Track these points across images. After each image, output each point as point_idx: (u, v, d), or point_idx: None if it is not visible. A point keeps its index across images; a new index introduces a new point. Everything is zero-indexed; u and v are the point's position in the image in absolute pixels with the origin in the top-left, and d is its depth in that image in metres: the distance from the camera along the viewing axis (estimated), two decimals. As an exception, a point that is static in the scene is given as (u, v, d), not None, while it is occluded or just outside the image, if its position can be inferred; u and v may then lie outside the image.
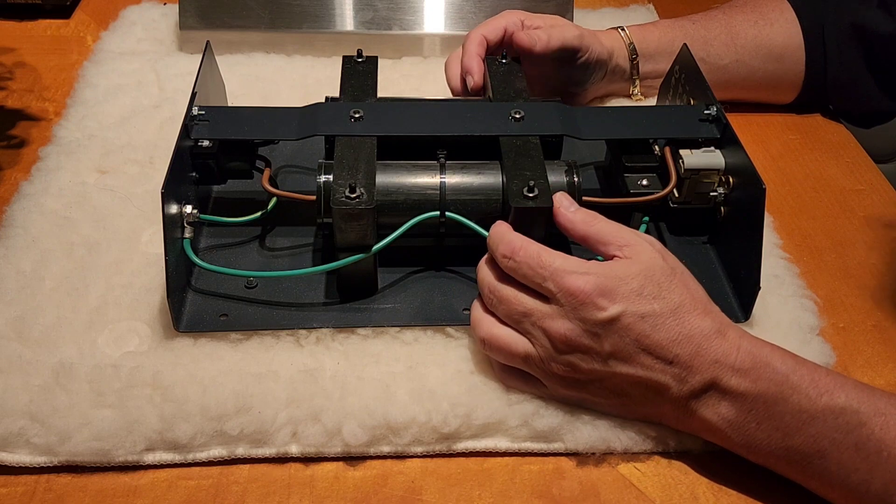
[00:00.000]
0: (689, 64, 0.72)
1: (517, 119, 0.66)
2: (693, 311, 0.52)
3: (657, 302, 0.52)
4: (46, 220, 0.67)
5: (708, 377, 0.51)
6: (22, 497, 0.52)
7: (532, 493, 0.53)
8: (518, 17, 0.78)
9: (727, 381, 0.51)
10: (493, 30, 0.77)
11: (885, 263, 0.70)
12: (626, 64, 0.81)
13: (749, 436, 0.51)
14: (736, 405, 0.51)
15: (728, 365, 0.51)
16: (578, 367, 0.53)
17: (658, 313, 0.52)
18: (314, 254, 0.66)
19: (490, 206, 0.62)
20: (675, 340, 0.51)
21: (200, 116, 0.65)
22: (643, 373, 0.52)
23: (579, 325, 0.52)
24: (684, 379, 0.51)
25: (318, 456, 0.54)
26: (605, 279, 0.52)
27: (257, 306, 0.61)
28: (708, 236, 0.69)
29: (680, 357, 0.51)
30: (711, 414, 0.52)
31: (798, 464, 0.50)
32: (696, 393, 0.52)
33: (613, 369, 0.52)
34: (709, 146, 0.66)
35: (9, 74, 0.87)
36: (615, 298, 0.51)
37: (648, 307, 0.52)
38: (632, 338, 0.51)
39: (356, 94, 0.69)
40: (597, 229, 0.56)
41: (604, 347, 0.52)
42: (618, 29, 0.81)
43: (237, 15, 0.89)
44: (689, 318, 0.52)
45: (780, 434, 0.50)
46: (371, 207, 0.58)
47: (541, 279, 0.53)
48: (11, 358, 0.56)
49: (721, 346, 0.52)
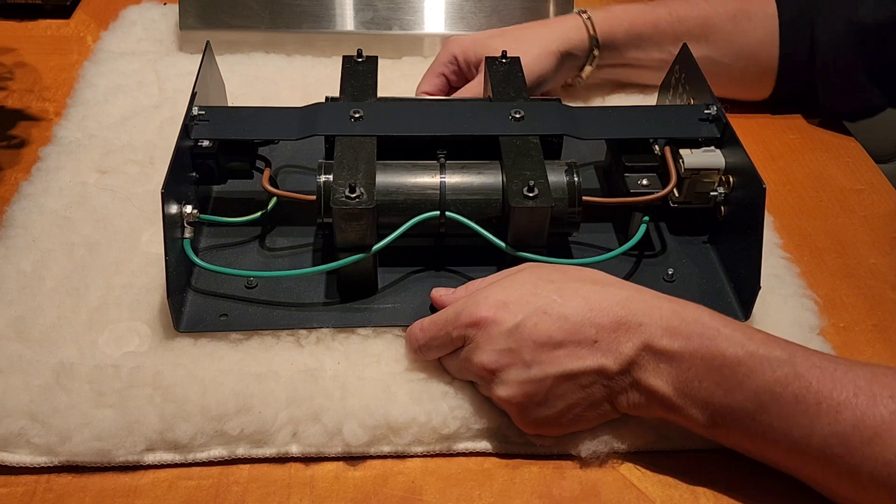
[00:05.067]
0: (690, 63, 0.72)
1: (517, 119, 0.66)
2: (595, 284, 0.53)
3: (555, 292, 0.52)
4: (47, 220, 0.67)
5: (638, 342, 0.51)
6: (22, 497, 0.52)
7: (532, 493, 0.53)
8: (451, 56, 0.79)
9: (659, 343, 0.50)
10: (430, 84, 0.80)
11: (885, 263, 0.70)
12: (581, 54, 0.79)
13: (693, 396, 0.50)
14: (674, 365, 0.50)
15: (655, 325, 0.51)
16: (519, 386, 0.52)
17: (560, 302, 0.52)
18: (314, 254, 0.66)
19: (490, 205, 0.62)
20: (589, 319, 0.51)
21: (200, 116, 0.65)
22: (577, 364, 0.51)
23: (491, 348, 0.52)
24: (617, 351, 0.51)
25: (319, 456, 0.54)
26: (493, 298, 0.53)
27: (257, 306, 0.61)
28: (708, 236, 0.69)
29: (601, 333, 0.51)
30: (654, 380, 0.51)
31: (742, 422, 0.50)
32: (634, 360, 0.51)
33: (547, 373, 0.51)
34: (709, 146, 0.66)
35: (9, 74, 0.87)
36: (512, 308, 0.52)
37: (547, 299, 0.52)
38: (546, 334, 0.51)
39: (356, 94, 0.69)
40: (472, 286, 0.58)
41: (524, 356, 0.52)
42: (581, 14, 0.79)
43: (237, 15, 0.89)
44: (596, 293, 0.52)
45: (721, 391, 0.50)
46: (371, 207, 0.58)
47: (448, 335, 0.55)
48: (12, 358, 0.56)
49: (641, 308, 0.51)
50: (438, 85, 0.80)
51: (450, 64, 0.80)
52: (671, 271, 0.65)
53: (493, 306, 0.53)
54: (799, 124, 0.86)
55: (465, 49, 0.79)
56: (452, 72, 0.80)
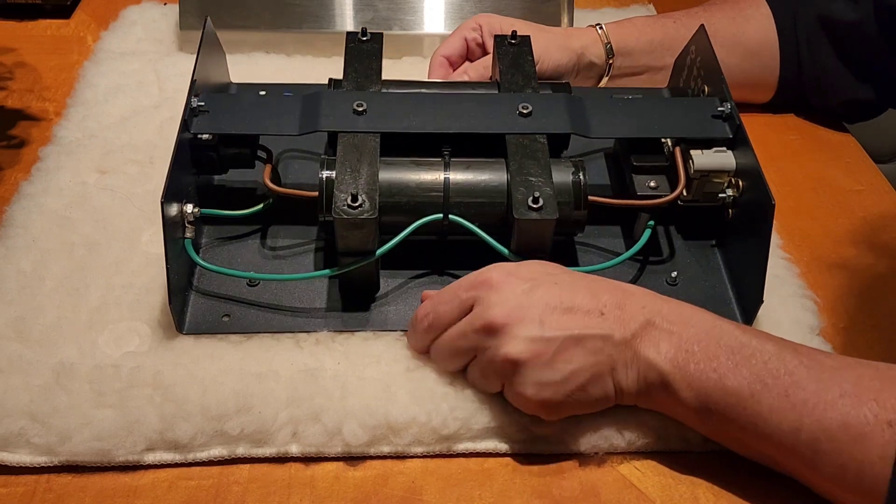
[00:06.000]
0: (704, 45, 0.70)
1: (524, 114, 0.65)
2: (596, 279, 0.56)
3: (563, 273, 0.56)
4: (47, 220, 0.67)
5: (642, 318, 0.53)
6: (22, 497, 0.52)
7: (532, 493, 0.53)
8: (477, 24, 0.80)
9: (660, 324, 0.53)
10: (450, 46, 0.80)
11: (885, 263, 0.70)
12: (600, 62, 0.81)
13: (688, 375, 0.52)
14: (673, 343, 0.52)
15: (656, 310, 0.54)
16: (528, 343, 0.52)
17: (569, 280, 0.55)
18: (317, 250, 0.66)
19: (494, 209, 0.61)
20: (596, 296, 0.54)
21: (200, 108, 0.64)
22: (585, 329, 0.52)
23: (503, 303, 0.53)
24: (622, 322, 0.53)
25: (319, 456, 0.54)
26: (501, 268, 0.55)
27: (259, 308, 0.61)
28: (716, 240, 0.68)
29: (607, 308, 0.53)
30: (653, 353, 0.52)
31: (733, 410, 0.51)
32: (637, 333, 0.53)
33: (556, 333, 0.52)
34: (720, 146, 0.65)
35: (9, 74, 0.87)
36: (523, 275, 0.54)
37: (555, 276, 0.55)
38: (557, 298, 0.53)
39: (360, 80, 0.68)
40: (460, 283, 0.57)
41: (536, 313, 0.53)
42: (596, 27, 0.81)
43: (237, 15, 0.89)
44: (599, 282, 0.55)
45: (715, 374, 0.51)
46: (373, 217, 0.57)
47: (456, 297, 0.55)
48: (12, 358, 0.56)
49: (641, 297, 0.55)
50: (458, 49, 0.80)
51: (473, 31, 0.80)
52: (675, 274, 0.65)
53: (504, 273, 0.55)
54: (799, 124, 0.86)
55: (491, 21, 0.80)
56: (473, 39, 0.81)
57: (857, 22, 0.79)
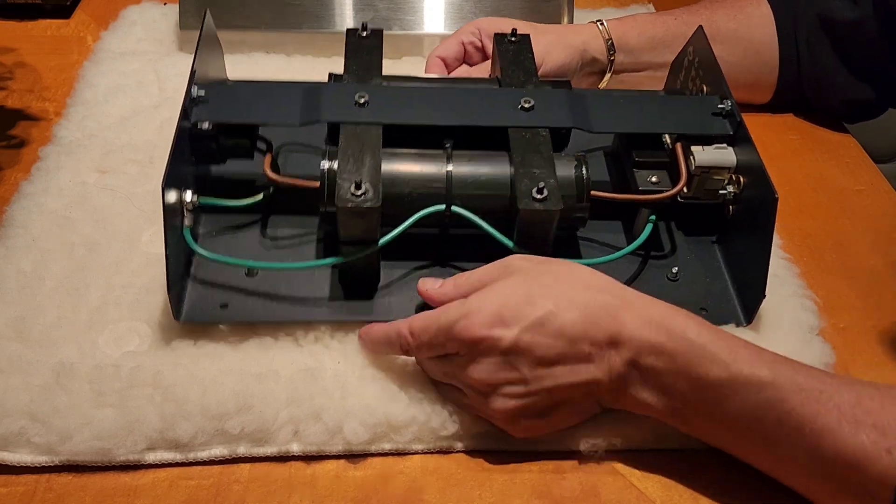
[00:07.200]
0: (703, 46, 0.71)
1: (526, 109, 0.65)
2: (589, 290, 0.53)
3: (551, 300, 0.52)
4: (47, 220, 0.67)
5: (626, 357, 0.51)
6: (22, 497, 0.52)
7: (532, 493, 0.53)
8: (476, 27, 0.80)
9: (645, 361, 0.51)
10: (447, 48, 0.80)
11: (885, 263, 0.70)
12: (602, 58, 0.81)
13: (679, 413, 0.52)
14: (660, 383, 0.51)
15: (643, 342, 0.51)
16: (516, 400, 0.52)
17: (556, 313, 0.51)
18: (317, 240, 0.65)
19: (497, 201, 0.61)
20: (584, 333, 0.51)
21: (200, 98, 0.63)
22: (572, 378, 0.52)
23: (488, 364, 0.52)
24: (609, 365, 0.51)
25: (320, 454, 0.54)
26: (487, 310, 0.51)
27: (258, 297, 0.61)
28: (717, 236, 0.68)
29: (595, 348, 0.51)
30: (643, 394, 0.52)
31: (727, 440, 0.52)
32: (623, 375, 0.52)
33: (544, 386, 0.52)
34: (721, 142, 0.65)
35: (9, 74, 0.87)
36: (508, 320, 0.51)
37: (543, 310, 0.51)
38: (543, 352, 0.51)
39: (361, 74, 0.68)
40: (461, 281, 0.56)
41: (522, 372, 0.51)
42: (597, 23, 0.81)
43: (237, 15, 0.89)
44: (590, 301, 0.52)
45: (706, 406, 0.51)
46: (377, 206, 0.57)
47: (441, 346, 0.53)
48: (12, 358, 0.56)
49: (631, 321, 0.51)
50: (455, 52, 0.80)
51: (471, 34, 0.80)
52: (675, 270, 0.65)
53: (489, 322, 0.51)
54: (799, 124, 0.86)
55: (489, 24, 0.80)
56: (471, 42, 0.80)
57: (857, 21, 0.79)
